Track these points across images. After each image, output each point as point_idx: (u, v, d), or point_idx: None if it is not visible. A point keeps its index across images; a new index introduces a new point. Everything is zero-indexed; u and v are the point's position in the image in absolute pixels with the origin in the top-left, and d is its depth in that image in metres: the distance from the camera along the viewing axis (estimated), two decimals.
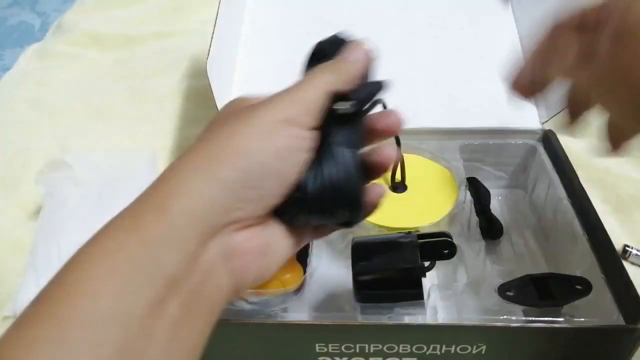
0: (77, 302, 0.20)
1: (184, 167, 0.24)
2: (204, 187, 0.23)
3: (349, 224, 0.29)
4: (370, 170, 0.30)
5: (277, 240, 0.27)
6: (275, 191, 0.25)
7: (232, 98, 0.60)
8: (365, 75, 0.29)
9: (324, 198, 0.27)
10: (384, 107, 0.31)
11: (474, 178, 0.43)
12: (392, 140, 0.31)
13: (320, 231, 0.31)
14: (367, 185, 0.29)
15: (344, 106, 0.27)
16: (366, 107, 0.29)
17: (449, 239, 0.36)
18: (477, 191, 0.42)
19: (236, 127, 0.25)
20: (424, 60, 0.57)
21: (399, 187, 0.43)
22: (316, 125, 0.26)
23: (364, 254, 0.36)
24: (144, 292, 0.21)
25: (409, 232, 0.37)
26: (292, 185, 0.26)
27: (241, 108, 0.26)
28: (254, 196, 0.24)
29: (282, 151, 0.25)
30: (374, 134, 0.30)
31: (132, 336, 0.20)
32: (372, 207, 0.29)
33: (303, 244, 0.30)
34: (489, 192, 0.42)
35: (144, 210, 0.23)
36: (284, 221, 0.28)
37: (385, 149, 0.29)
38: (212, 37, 0.49)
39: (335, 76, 0.27)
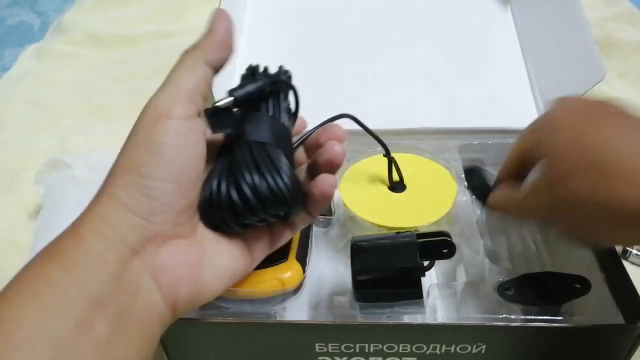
0: (4, 327, 0.21)
1: (96, 194, 0.25)
2: (107, 210, 0.24)
3: (286, 218, 0.29)
4: (321, 167, 0.30)
5: (214, 251, 0.27)
6: (177, 194, 0.25)
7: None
8: (229, 42, 0.29)
9: (248, 200, 0.26)
10: (289, 97, 0.32)
11: (476, 167, 0.42)
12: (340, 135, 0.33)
13: (276, 238, 0.30)
14: (318, 177, 0.29)
15: (222, 100, 0.28)
16: (253, 98, 0.29)
17: (448, 239, 0.36)
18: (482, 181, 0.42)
19: (124, 145, 0.25)
20: (423, 59, 0.57)
21: (397, 186, 0.43)
22: (194, 113, 0.26)
23: (363, 254, 0.36)
24: (67, 313, 0.21)
25: (408, 232, 0.37)
26: (197, 184, 0.26)
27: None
28: (156, 207, 0.24)
29: (165, 151, 0.24)
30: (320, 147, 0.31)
31: (60, 356, 0.21)
32: (324, 198, 0.29)
33: (259, 254, 0.30)
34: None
35: (62, 239, 0.24)
36: (218, 231, 0.28)
37: (333, 145, 0.30)
38: None
39: (199, 53, 0.27)
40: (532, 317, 0.35)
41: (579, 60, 0.47)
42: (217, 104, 0.28)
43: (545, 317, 0.35)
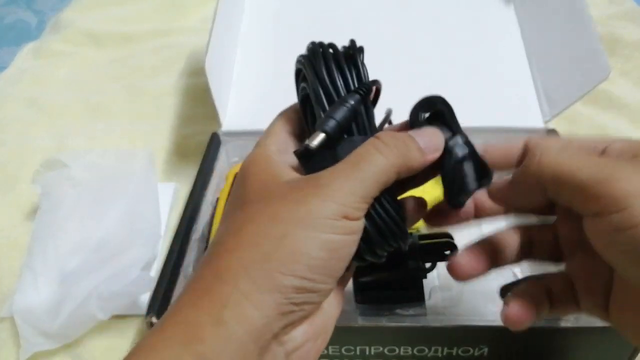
0: None
1: (233, 268, 0.22)
2: (260, 294, 0.21)
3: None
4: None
5: (328, 311, 0.25)
6: (330, 286, 0.23)
7: (230, 96, 0.60)
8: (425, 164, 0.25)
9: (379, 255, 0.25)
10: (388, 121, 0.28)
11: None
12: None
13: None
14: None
15: (314, 140, 0.24)
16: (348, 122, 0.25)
17: (450, 240, 0.36)
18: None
19: (289, 222, 0.22)
20: (426, 58, 0.56)
21: None
22: (363, 215, 0.24)
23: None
24: None
25: (410, 233, 0.37)
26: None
27: (281, 187, 0.23)
28: (312, 298, 0.23)
29: (337, 249, 0.23)
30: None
31: None
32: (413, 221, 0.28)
33: (345, 283, 0.28)
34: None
35: (199, 321, 0.21)
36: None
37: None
38: (210, 34, 0.49)
39: (400, 165, 0.24)
40: None
41: (583, 59, 0.47)
42: (310, 146, 0.24)
43: (548, 319, 0.34)
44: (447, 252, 0.36)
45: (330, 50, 0.27)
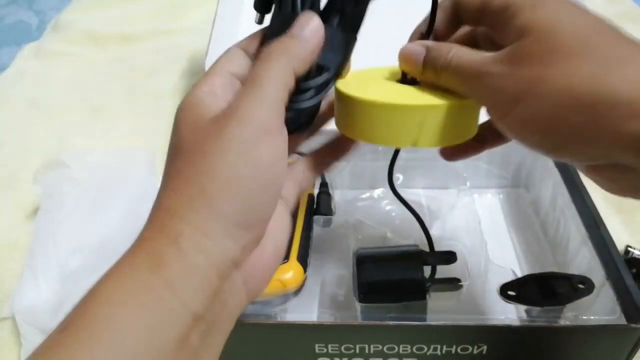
0: (109, 334, 0.20)
1: (180, 205, 0.23)
2: (208, 223, 0.23)
3: None
4: None
5: (276, 234, 0.27)
6: (272, 205, 0.25)
7: None
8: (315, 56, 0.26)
9: None
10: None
11: None
12: None
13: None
14: None
15: (306, 102, 0.26)
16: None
17: (454, 258, 0.36)
18: None
19: (214, 154, 0.23)
20: None
21: (408, 82, 0.31)
22: (283, 121, 0.25)
23: (368, 264, 0.36)
24: (172, 330, 0.21)
25: (413, 245, 0.37)
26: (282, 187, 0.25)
27: (205, 125, 0.24)
28: (257, 220, 0.24)
29: (267, 166, 0.24)
30: None
31: None
32: None
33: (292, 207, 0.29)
34: None
35: (161, 251, 0.22)
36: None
37: None
38: (210, 36, 0.49)
39: (292, 62, 0.25)
40: (534, 317, 0.35)
41: None
42: (303, 106, 0.27)
43: (546, 317, 0.34)
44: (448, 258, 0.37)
45: None
